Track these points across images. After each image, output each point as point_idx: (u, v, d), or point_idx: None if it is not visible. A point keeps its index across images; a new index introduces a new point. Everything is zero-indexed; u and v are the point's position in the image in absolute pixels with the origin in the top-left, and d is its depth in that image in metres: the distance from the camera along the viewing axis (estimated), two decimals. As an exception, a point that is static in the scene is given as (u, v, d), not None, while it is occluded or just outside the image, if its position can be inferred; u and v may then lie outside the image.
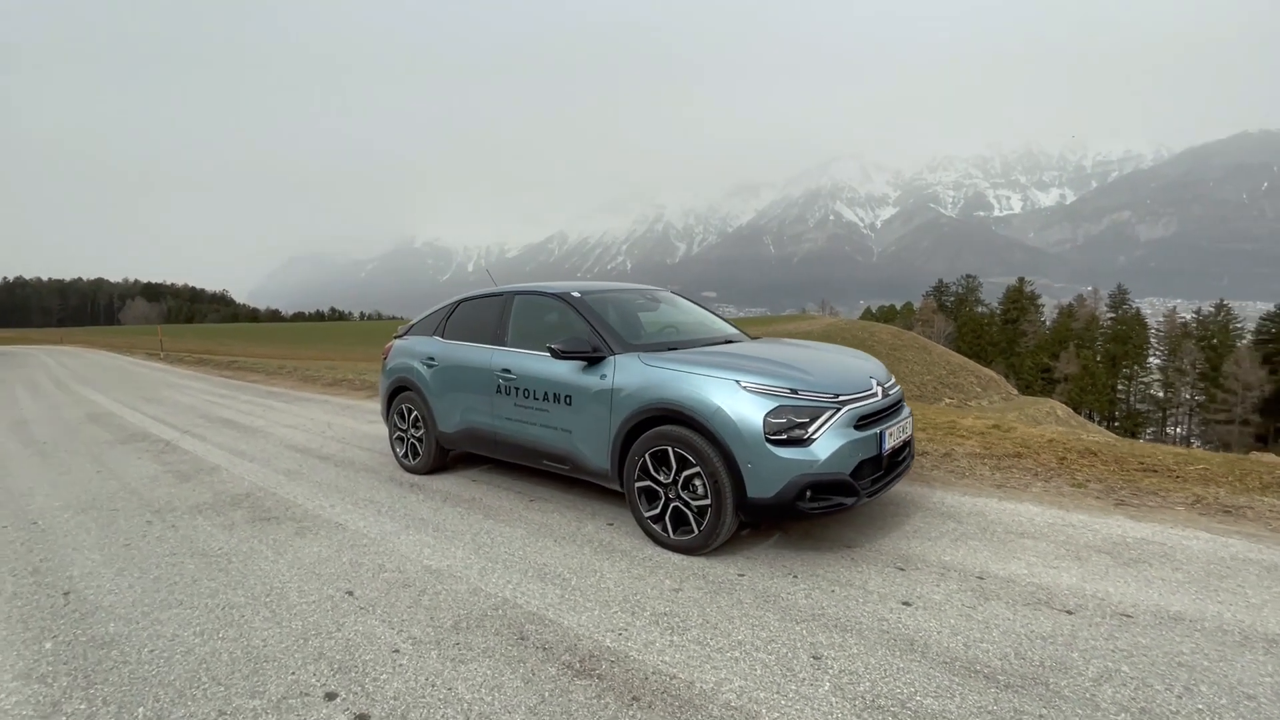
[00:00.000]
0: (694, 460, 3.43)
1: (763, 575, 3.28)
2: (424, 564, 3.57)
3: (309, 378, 13.96)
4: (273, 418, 8.93)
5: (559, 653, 2.62)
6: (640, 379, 3.72)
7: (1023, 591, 3.01)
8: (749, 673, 2.44)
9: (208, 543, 4.02)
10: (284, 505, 4.75)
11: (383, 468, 5.77)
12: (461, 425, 4.95)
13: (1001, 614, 2.81)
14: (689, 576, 3.29)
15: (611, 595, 3.11)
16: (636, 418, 3.68)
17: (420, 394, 5.29)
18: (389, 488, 5.12)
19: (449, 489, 5.01)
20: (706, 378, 3.48)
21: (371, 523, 4.29)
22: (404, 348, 5.63)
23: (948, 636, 2.64)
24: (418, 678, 2.47)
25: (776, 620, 2.82)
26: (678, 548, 3.58)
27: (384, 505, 4.66)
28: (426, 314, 5.70)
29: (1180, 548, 3.46)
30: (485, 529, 4.10)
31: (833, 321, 67.62)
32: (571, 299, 4.46)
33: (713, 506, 3.39)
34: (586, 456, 4.04)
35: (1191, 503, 4.13)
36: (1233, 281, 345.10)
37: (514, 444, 4.53)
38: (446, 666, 2.55)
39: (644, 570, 3.39)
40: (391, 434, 5.70)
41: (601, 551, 3.67)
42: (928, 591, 3.04)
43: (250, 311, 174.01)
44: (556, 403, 4.17)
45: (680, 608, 2.96)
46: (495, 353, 4.69)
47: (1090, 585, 3.05)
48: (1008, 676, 2.35)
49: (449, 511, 4.47)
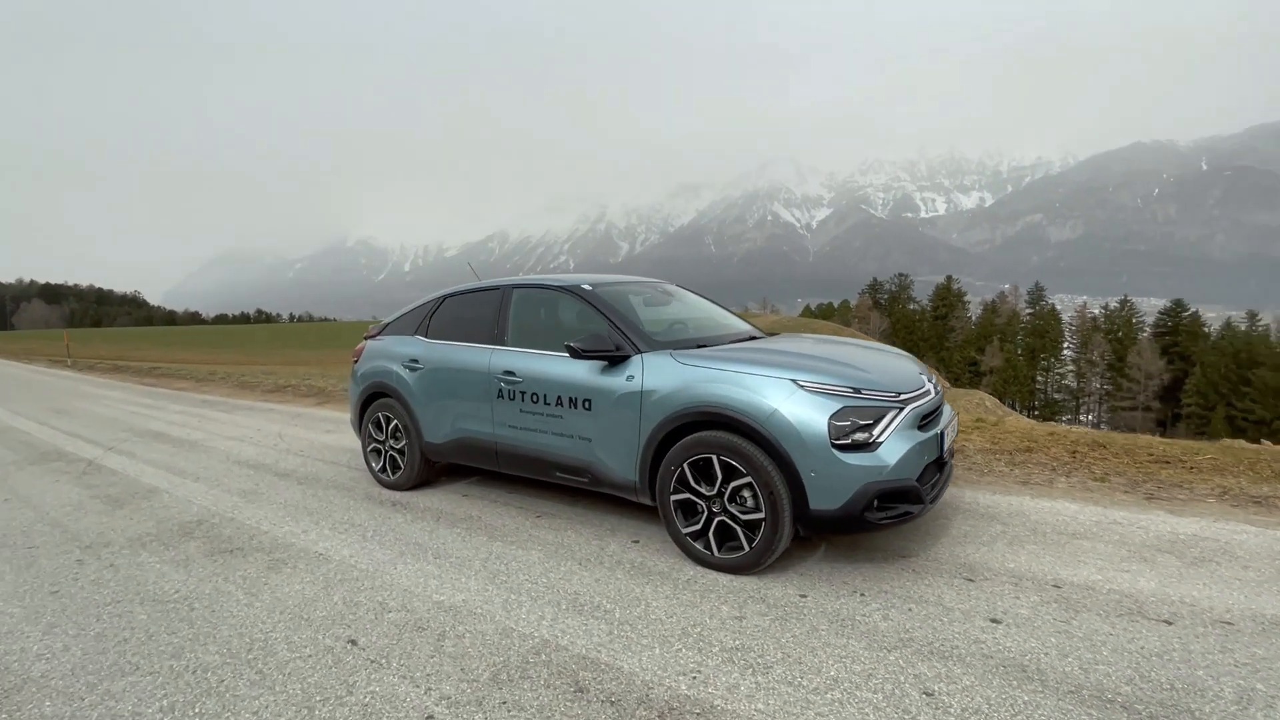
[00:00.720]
0: (744, 469, 3.08)
1: (827, 595, 2.96)
2: (434, 600, 3.07)
3: (246, 384, 12.80)
4: (213, 429, 8.01)
5: (630, 707, 2.21)
6: (676, 380, 3.33)
7: (1108, 601, 2.81)
8: (860, 718, 2.11)
9: (160, 585, 3.37)
10: (247, 533, 4.10)
11: (356, 484, 5.15)
12: (453, 435, 4.43)
13: (1100, 628, 2.59)
14: (746, 600, 2.94)
15: (667, 628, 2.72)
16: (672, 423, 3.30)
17: (401, 401, 4.72)
18: (369, 507, 4.53)
19: (439, 506, 4.47)
20: (758, 377, 3.13)
21: (358, 551, 3.72)
22: (379, 349, 5.04)
23: (1058, 659, 2.39)
24: (467, 753, 2.02)
25: (864, 649, 2.50)
26: (723, 567, 3.22)
27: (368, 529, 4.09)
28: (404, 311, 5.12)
29: (1236, 543, 3.36)
30: (495, 553, 3.62)
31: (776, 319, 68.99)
32: (584, 292, 4.02)
33: (767, 521, 3.04)
34: (610, 467, 3.62)
35: (1220, 495, 4.10)
36: (1131, 279, 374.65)
37: (520, 455, 4.05)
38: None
39: (692, 595, 3.01)
40: (366, 446, 5.09)
41: (636, 574, 3.26)
42: (1011, 605, 2.79)
43: (166, 314, 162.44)
44: (573, 408, 3.72)
45: (751, 640, 2.61)
46: (494, 353, 4.19)
47: (1172, 590, 2.88)
48: (1145, 704, 2.12)
49: (447, 534, 3.95)
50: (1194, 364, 61.78)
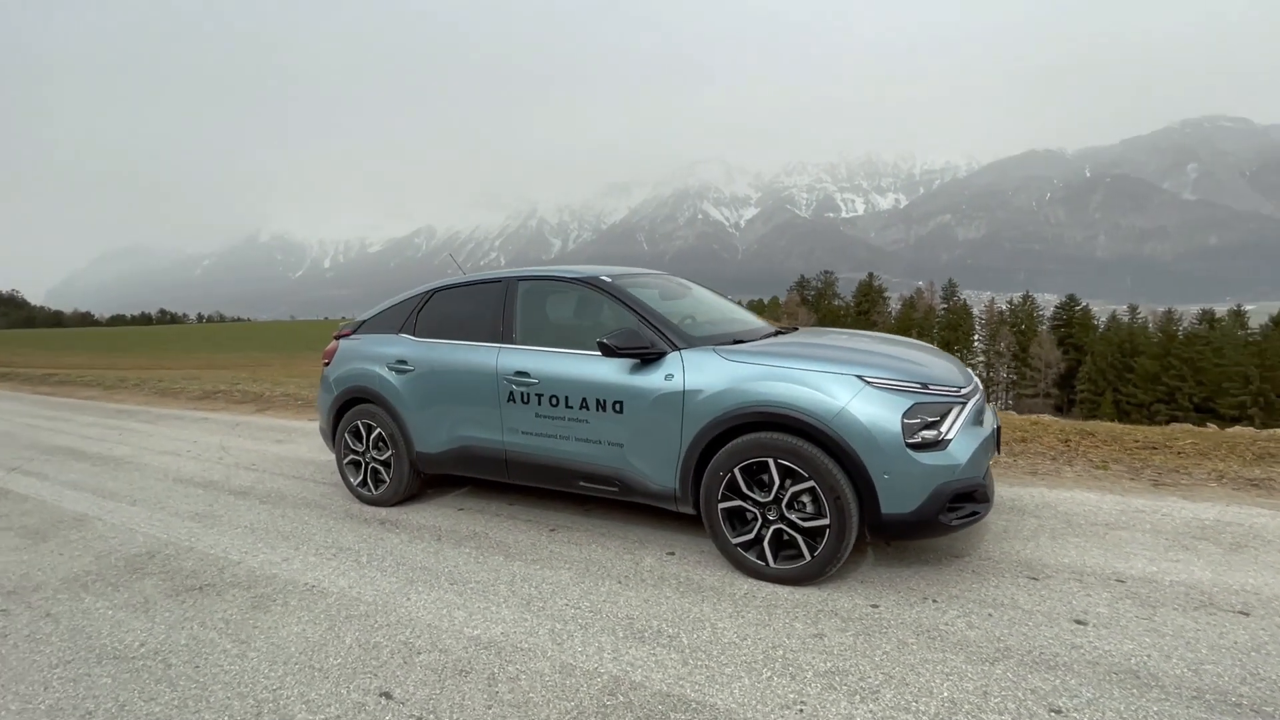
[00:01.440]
0: (806, 473, 2.86)
1: (898, 603, 2.79)
2: (468, 634, 2.68)
3: (167, 391, 11.52)
4: (139, 443, 7.06)
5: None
6: (725, 378, 3.08)
7: (1174, 593, 2.78)
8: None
9: (119, 637, 2.80)
10: (214, 565, 3.52)
11: (330, 501, 4.60)
12: (451, 444, 3.99)
13: (1184, 624, 2.54)
14: (818, 615, 2.73)
15: (746, 653, 2.47)
16: (721, 425, 3.04)
17: (386, 407, 4.22)
18: (354, 527, 4.02)
19: (437, 523, 4.03)
20: (820, 374, 2.92)
21: (357, 580, 3.26)
22: (355, 350, 4.50)
23: (1162, 661, 2.30)
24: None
25: (966, 664, 2.34)
26: (780, 579, 2.99)
27: (360, 553, 3.61)
28: (384, 307, 4.60)
29: (1260, 527, 3.46)
30: (519, 575, 3.25)
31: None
32: (604, 284, 3.69)
33: (832, 528, 2.84)
34: (645, 475, 3.32)
35: (1217, 478, 4.26)
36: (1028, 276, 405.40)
37: (536, 465, 3.68)
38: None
39: (758, 612, 2.77)
40: (342, 458, 4.54)
41: (686, 591, 2.99)
42: (1087, 604, 2.71)
43: (51, 315, 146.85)
44: (600, 411, 3.40)
45: (843, 660, 2.39)
46: (502, 352, 3.79)
47: (1229, 578, 2.89)
48: (1274, 706, 2.05)
49: (455, 554, 3.53)
50: (1086, 353, 67.48)
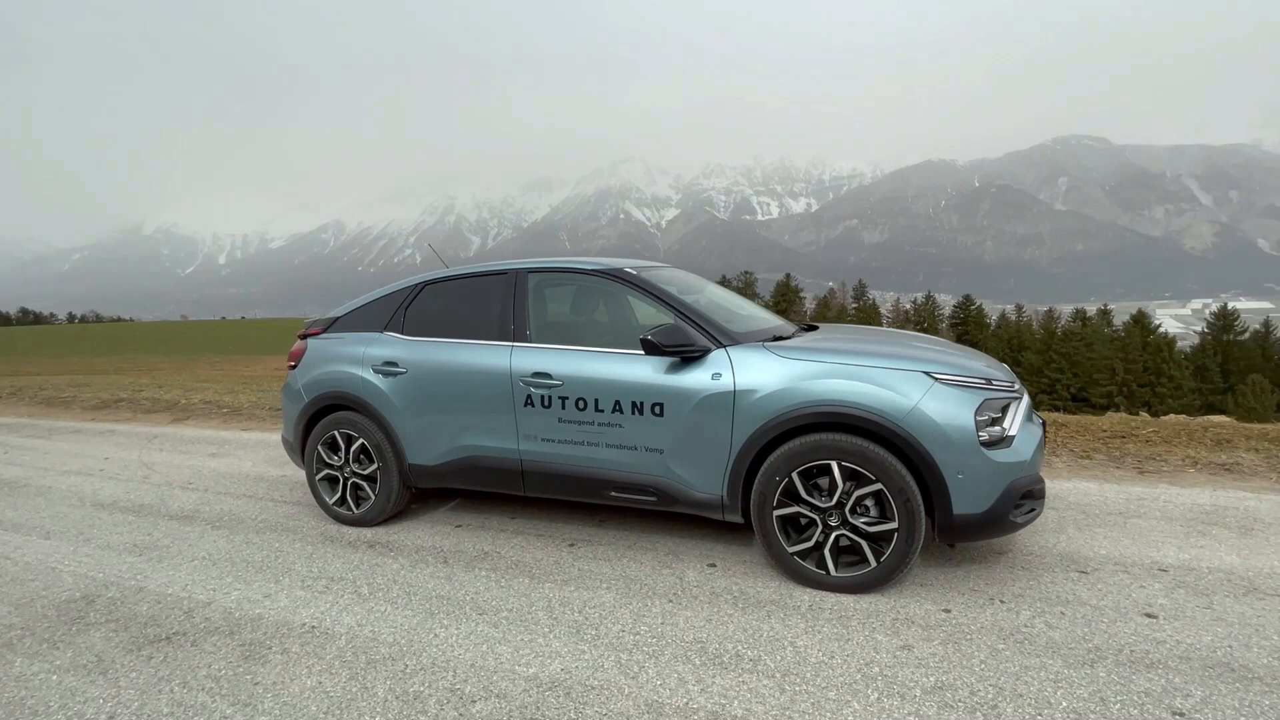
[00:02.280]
0: (873, 475, 2.72)
1: (969, 607, 2.70)
2: (524, 675, 2.35)
3: (54, 400, 9.99)
4: (34, 462, 6.02)
5: (892, 790, 1.76)
6: (780, 377, 2.88)
7: (1216, 580, 2.86)
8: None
9: (76, 709, 2.25)
10: (177, 608, 2.96)
11: (297, 522, 4.04)
12: (453, 454, 3.58)
13: (1244, 611, 2.59)
14: (895, 625, 2.59)
15: (840, 673, 2.28)
16: (778, 428, 2.85)
17: (372, 414, 3.74)
18: (338, 552, 3.53)
19: (436, 543, 3.60)
20: (887, 370, 2.78)
21: (365, 616, 2.82)
22: (329, 351, 3.97)
23: (1243, 651, 2.32)
24: None
25: (1067, 669, 2.26)
26: (842, 587, 2.84)
27: (357, 582, 3.15)
28: (360, 302, 4.09)
29: (1254, 509, 3.66)
30: (555, 599, 2.92)
31: (640, 314, 70.39)
32: (631, 276, 3.41)
33: (900, 532, 2.72)
34: (687, 482, 3.08)
35: (1193, 464, 4.53)
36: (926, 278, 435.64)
37: (558, 474, 3.34)
38: None
39: (832, 626, 2.60)
40: (314, 474, 3.99)
41: (747, 607, 2.78)
42: (1147, 597, 2.73)
43: None
44: (636, 414, 3.12)
45: (944, 674, 2.26)
46: (516, 351, 3.43)
47: (1257, 562, 3.01)
48: (1369, 691, 2.10)
49: (469, 578, 3.15)
50: (981, 350, 73.25)
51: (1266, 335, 58.33)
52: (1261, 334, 58.45)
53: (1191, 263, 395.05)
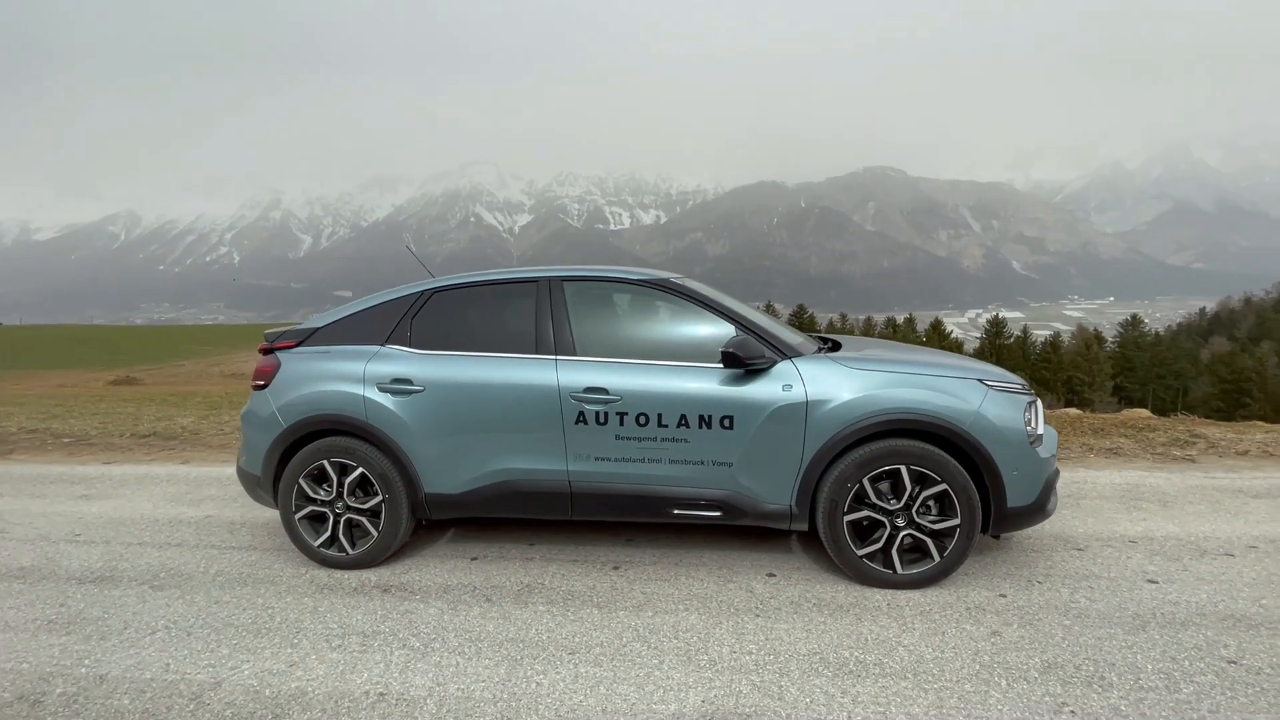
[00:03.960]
0: (939, 476, 2.94)
1: (1016, 590, 3.01)
2: (666, 713, 2.20)
3: None
4: None
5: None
6: (852, 387, 3.00)
7: (1177, 547, 3.45)
8: (1237, 706, 2.19)
9: None
10: (175, 694, 2.35)
11: (268, 571, 3.40)
12: (484, 479, 3.24)
13: (1213, 570, 3.16)
14: (971, 614, 2.80)
15: (962, 667, 2.42)
16: (852, 436, 2.96)
17: (377, 439, 3.27)
18: (349, 602, 3.03)
19: (460, 580, 3.24)
20: (950, 379, 3.01)
21: (441, 672, 2.45)
22: (315, 368, 3.41)
23: (1232, 602, 2.84)
24: None
25: (1128, 634, 2.60)
26: (908, 584, 3.02)
27: (402, 635, 2.72)
28: (350, 311, 3.56)
29: (1164, 485, 4.49)
30: (642, 627, 2.76)
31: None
32: (678, 286, 3.35)
33: (962, 527, 2.96)
34: (757, 495, 3.08)
35: (1089, 451, 5.42)
36: (763, 289, 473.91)
37: (615, 495, 3.17)
38: None
39: (922, 623, 2.74)
40: (293, 513, 3.38)
41: (831, 613, 2.84)
42: (1138, 565, 3.23)
43: None
44: (704, 428, 3.06)
45: (1045, 654, 2.48)
46: (563, 365, 3.19)
47: (1191, 528, 3.70)
48: (1332, 624, 2.66)
49: (530, 616, 2.88)
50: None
51: (1025, 340, 71.40)
52: (1021, 339, 71.39)
53: (967, 279, 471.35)
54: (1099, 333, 68.72)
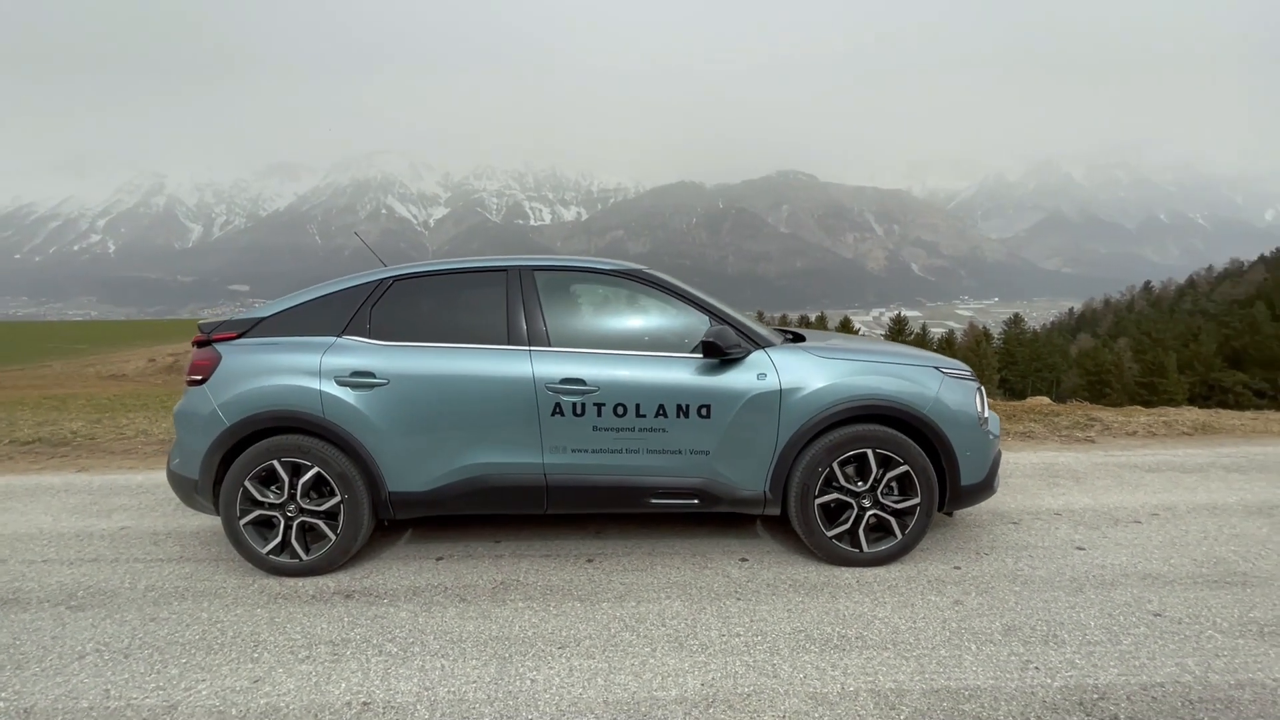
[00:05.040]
0: (900, 458, 3.11)
1: (968, 562, 3.24)
2: (668, 699, 2.21)
3: None
4: None
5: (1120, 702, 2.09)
6: (823, 375, 3.12)
7: (1094, 518, 3.83)
8: (1165, 647, 2.46)
9: None
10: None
11: (209, 583, 3.11)
12: (454, 476, 3.11)
13: (1127, 537, 3.53)
14: (934, 586, 2.99)
15: (937, 635, 2.58)
16: (823, 422, 3.08)
17: (336, 436, 3.06)
18: (310, 610, 2.82)
19: (429, 581, 3.10)
20: (911, 366, 3.20)
21: (426, 676, 2.34)
22: (264, 360, 3.14)
23: (1148, 563, 3.19)
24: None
25: (1069, 595, 2.87)
26: (872, 561, 3.18)
27: (376, 641, 2.57)
28: (299, 300, 3.31)
29: (1074, 464, 4.96)
30: (627, 617, 2.75)
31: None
32: (650, 276, 3.36)
33: (922, 505, 3.15)
34: (733, 481, 3.15)
35: (1006, 434, 5.91)
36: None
37: (591, 487, 3.13)
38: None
39: (892, 597, 2.90)
40: (235, 516, 3.10)
41: (806, 592, 2.95)
42: (1065, 535, 3.56)
43: None
44: (682, 417, 3.09)
45: (1004, 618, 2.69)
46: (537, 356, 3.12)
47: (1103, 501, 4.12)
48: (1228, 573, 3.05)
49: (511, 614, 2.80)
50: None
51: (924, 337, 76.88)
52: (920, 336, 76.82)
53: (871, 279, 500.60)
54: (987, 330, 74.90)
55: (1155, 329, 62.65)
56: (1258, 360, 52.52)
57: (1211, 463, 4.97)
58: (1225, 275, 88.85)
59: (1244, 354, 53.89)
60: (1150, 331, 61.96)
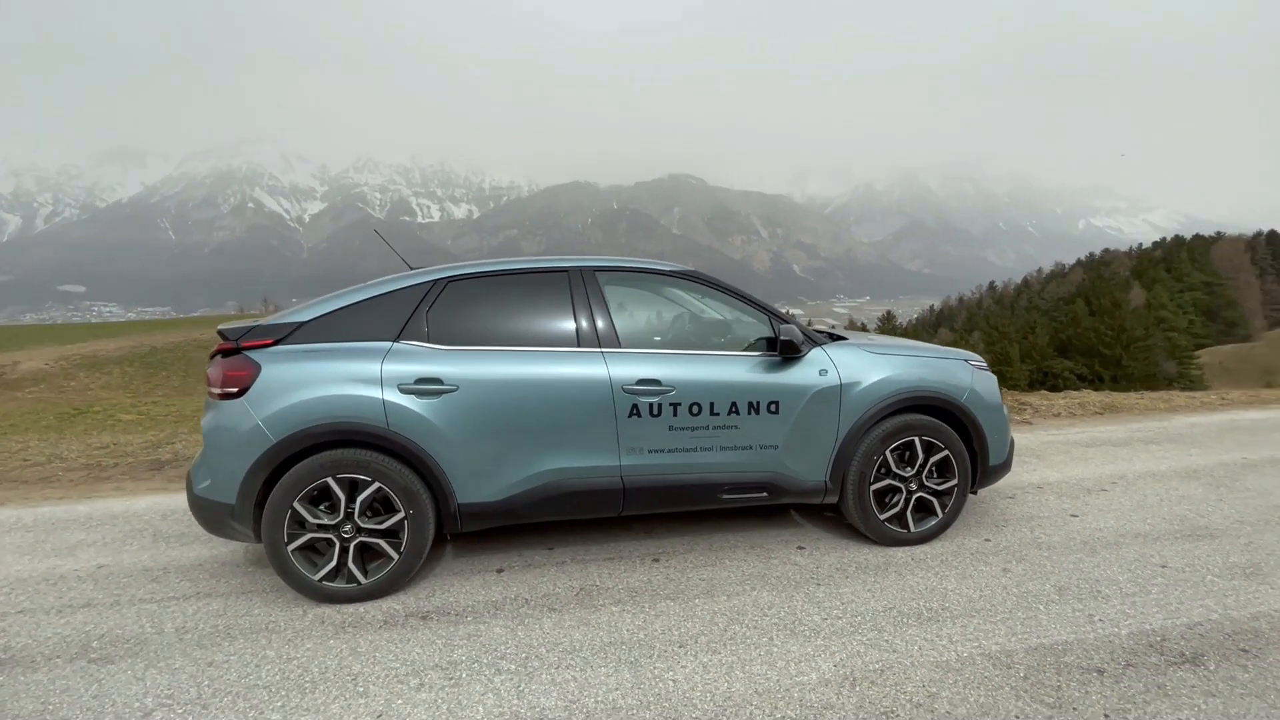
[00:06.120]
0: (942, 444, 3.41)
1: (995, 534, 3.59)
2: (812, 682, 2.30)
3: None
4: None
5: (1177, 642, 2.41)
6: (877, 370, 3.33)
7: (1066, 489, 4.37)
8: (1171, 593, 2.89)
9: None
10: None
11: (256, 619, 2.78)
12: (529, 483, 3.00)
13: (1100, 503, 4.07)
14: (980, 558, 3.30)
15: (1002, 600, 2.87)
16: (878, 414, 3.31)
17: (401, 447, 2.85)
18: (391, 637, 2.62)
19: (501, 594, 2.98)
20: (948, 360, 3.50)
21: (564, 688, 2.27)
22: (315, 368, 2.86)
23: (1127, 523, 3.71)
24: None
25: (1090, 555, 3.28)
26: (918, 539, 3.45)
27: (486, 662, 2.45)
28: (345, 302, 3.04)
29: (1026, 442, 5.58)
30: (728, 610, 2.81)
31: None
32: (706, 277, 3.42)
33: (958, 486, 3.46)
34: (798, 473, 3.29)
35: (960, 420, 6.52)
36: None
37: (667, 486, 3.13)
38: None
39: (952, 570, 3.17)
40: (283, 544, 2.80)
41: (874, 573, 3.15)
42: (1056, 506, 4.04)
43: None
44: (753, 414, 3.18)
45: (1052, 579, 3.03)
46: (611, 358, 3.08)
47: (1068, 473, 4.70)
48: (1189, 527, 3.61)
49: (610, 619, 2.76)
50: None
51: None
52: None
53: (758, 280, 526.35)
54: (865, 327, 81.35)
55: (1001, 324, 71.11)
56: (1080, 350, 61.14)
57: (1130, 437, 5.81)
58: (1052, 276, 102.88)
59: (1070, 344, 62.56)
60: (997, 326, 70.25)
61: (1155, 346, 56.75)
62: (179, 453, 5.51)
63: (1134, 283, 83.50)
